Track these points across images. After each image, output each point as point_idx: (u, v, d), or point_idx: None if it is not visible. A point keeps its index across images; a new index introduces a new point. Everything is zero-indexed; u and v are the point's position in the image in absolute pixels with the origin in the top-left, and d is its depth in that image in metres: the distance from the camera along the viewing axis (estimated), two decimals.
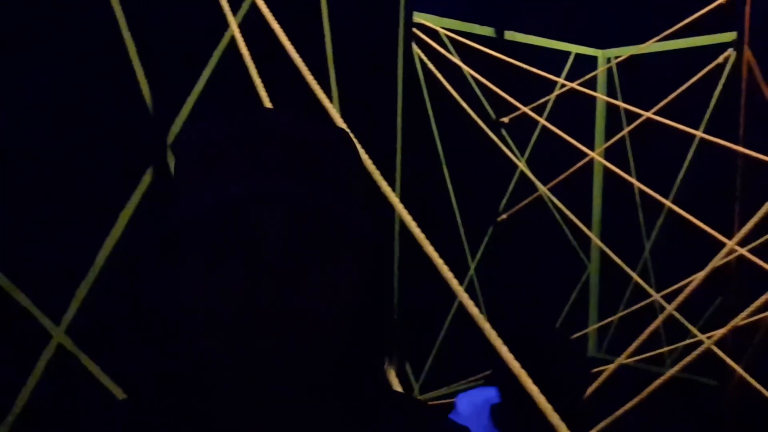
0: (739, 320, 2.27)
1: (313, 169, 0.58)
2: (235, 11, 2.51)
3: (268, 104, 2.03)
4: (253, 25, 2.42)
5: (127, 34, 2.50)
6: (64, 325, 2.49)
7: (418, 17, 4.22)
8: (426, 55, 4.18)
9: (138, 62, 2.52)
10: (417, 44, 4.24)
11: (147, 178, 2.59)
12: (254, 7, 2.43)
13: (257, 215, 0.55)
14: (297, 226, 0.56)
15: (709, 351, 3.10)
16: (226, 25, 2.30)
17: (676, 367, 2.35)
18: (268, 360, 0.55)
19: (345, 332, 0.59)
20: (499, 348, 1.20)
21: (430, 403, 0.78)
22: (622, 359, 2.49)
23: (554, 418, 1.04)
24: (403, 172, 3.84)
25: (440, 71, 4.16)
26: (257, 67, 2.20)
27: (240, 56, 2.24)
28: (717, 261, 2.44)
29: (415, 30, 4.14)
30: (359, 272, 0.61)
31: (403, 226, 1.88)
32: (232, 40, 2.40)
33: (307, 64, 2.04)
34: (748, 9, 3.69)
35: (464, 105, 4.11)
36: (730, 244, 2.42)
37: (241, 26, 2.34)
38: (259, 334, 0.54)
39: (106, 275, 2.54)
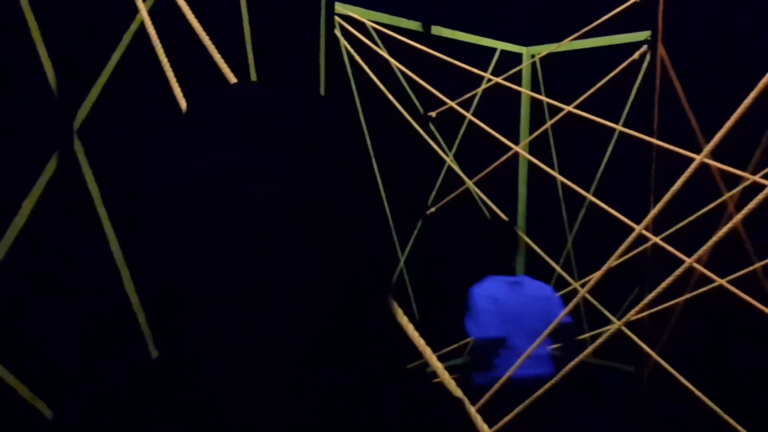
0: (645, 303, 2.36)
1: (301, 138, 0.58)
2: None
3: (177, 90, 1.97)
4: (165, 10, 2.35)
5: (30, 17, 2.39)
6: None
7: (345, 9, 4.20)
8: (353, 48, 4.17)
9: (42, 45, 2.40)
10: (344, 36, 4.23)
11: (52, 165, 2.48)
12: None
13: (245, 183, 0.55)
14: (285, 195, 0.55)
15: (627, 338, 3.22)
16: (136, 9, 2.22)
17: (587, 351, 2.42)
18: (258, 331, 0.55)
19: (334, 302, 0.59)
20: (429, 358, 1.18)
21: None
22: (534, 346, 2.55)
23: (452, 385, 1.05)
24: None
25: (368, 64, 4.16)
26: (170, 52, 2.13)
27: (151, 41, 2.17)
28: (626, 245, 2.52)
29: (342, 22, 4.12)
30: (349, 240, 0.60)
31: None
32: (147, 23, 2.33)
33: (226, 58, 2.00)
34: (661, 7, 3.83)
35: (392, 99, 4.12)
36: (638, 229, 2.52)
37: (152, 11, 2.27)
38: (249, 305, 0.55)
39: (11, 263, 2.42)
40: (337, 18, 4.10)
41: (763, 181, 2.73)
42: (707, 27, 3.76)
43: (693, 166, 2.68)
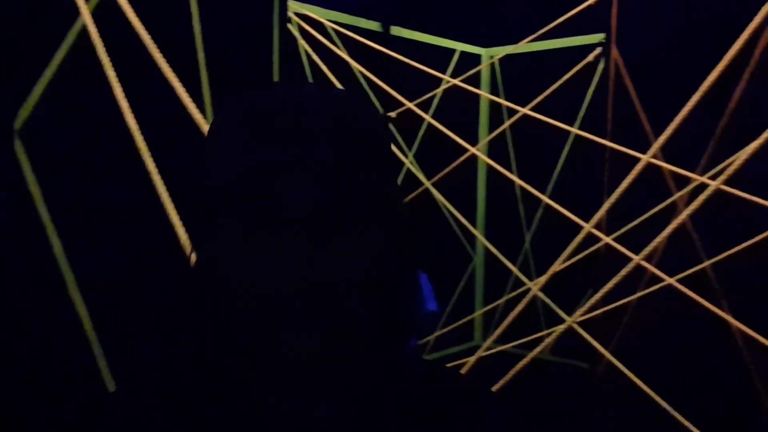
0: (593, 302, 2.40)
1: (343, 137, 0.57)
2: None
3: (118, 91, 1.94)
4: (109, 11, 2.31)
5: None
6: None
7: (303, 8, 4.18)
8: (312, 48, 4.15)
9: None
10: (302, 36, 4.20)
11: None
12: None
13: (288, 182, 0.55)
14: (328, 193, 0.55)
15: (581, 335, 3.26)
16: (78, 10, 2.17)
17: (538, 348, 2.46)
18: (299, 330, 0.55)
19: (374, 302, 0.59)
20: None
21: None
22: (488, 343, 2.58)
23: None
24: None
25: (327, 64, 4.14)
26: (115, 55, 2.10)
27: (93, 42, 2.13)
28: (575, 243, 2.57)
29: (300, 22, 4.10)
30: (389, 242, 0.60)
31: None
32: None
33: (177, 58, 1.97)
34: (614, 11, 3.89)
35: None
36: (586, 227, 2.57)
37: (95, 13, 2.22)
38: (291, 304, 0.55)
39: None
40: (294, 17, 4.08)
41: (708, 181, 2.79)
42: (660, 29, 3.83)
43: (639, 166, 2.73)
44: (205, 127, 1.69)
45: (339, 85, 4.13)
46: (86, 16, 2.09)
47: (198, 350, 0.65)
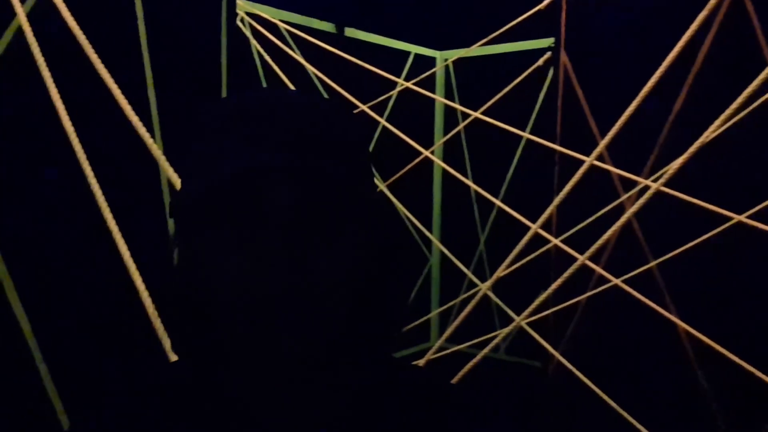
0: (539, 302, 2.44)
1: (320, 142, 0.58)
2: None
3: (54, 92, 1.89)
4: (46, 12, 2.25)
5: None
6: None
7: (255, 8, 4.14)
8: (265, 49, 4.12)
9: None
10: (255, 37, 4.17)
11: None
12: None
13: (270, 186, 0.55)
14: (306, 198, 0.56)
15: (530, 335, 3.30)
16: (13, 12, 2.11)
17: (487, 348, 2.50)
18: (282, 332, 0.55)
19: (354, 305, 0.60)
20: None
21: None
22: (439, 343, 2.61)
23: None
24: None
25: (281, 65, 4.11)
26: (52, 58, 2.05)
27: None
28: (522, 245, 2.61)
29: (252, 22, 4.06)
30: (370, 244, 0.61)
31: None
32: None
33: (120, 60, 1.94)
34: (563, 15, 3.95)
35: None
36: (533, 227, 2.61)
37: (30, 15, 2.16)
38: (274, 307, 0.55)
39: None
40: (246, 18, 4.04)
41: (651, 183, 2.85)
42: (609, 34, 3.90)
43: (582, 168, 2.78)
44: (143, 130, 1.66)
45: (292, 87, 4.11)
46: (22, 17, 2.03)
47: (180, 351, 0.65)
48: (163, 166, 1.61)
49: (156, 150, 1.64)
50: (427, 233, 4.23)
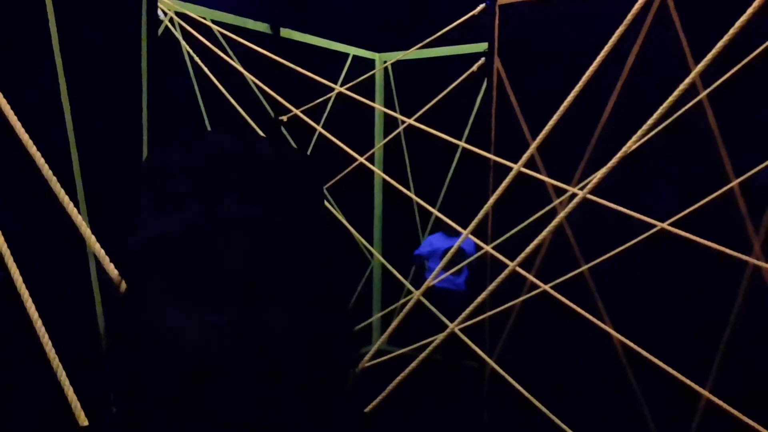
0: (472, 308, 2.44)
1: (272, 190, 0.56)
2: None
3: None
4: None
5: None
6: None
7: (185, 8, 4.03)
8: (194, 49, 4.01)
9: None
10: (184, 38, 4.05)
11: None
12: None
13: (218, 239, 0.53)
14: (259, 249, 0.54)
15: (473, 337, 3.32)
16: None
17: (426, 352, 2.49)
18: (230, 390, 0.52)
19: (312, 353, 0.57)
20: None
21: None
22: (375, 348, 2.57)
23: None
24: None
25: (212, 68, 4.00)
26: None
27: None
28: (454, 250, 2.60)
29: (181, 22, 3.94)
30: (324, 292, 0.58)
31: None
32: None
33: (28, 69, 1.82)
34: (497, 21, 3.96)
35: (234, 104, 3.98)
36: (465, 233, 2.60)
37: None
38: (222, 364, 0.52)
39: None
40: (175, 18, 3.93)
41: (577, 191, 2.87)
42: (542, 38, 3.92)
43: (510, 176, 2.77)
44: (31, 146, 1.56)
45: (223, 90, 4.00)
46: None
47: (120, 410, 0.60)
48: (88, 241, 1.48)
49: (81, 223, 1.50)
50: (366, 244, 4.17)
